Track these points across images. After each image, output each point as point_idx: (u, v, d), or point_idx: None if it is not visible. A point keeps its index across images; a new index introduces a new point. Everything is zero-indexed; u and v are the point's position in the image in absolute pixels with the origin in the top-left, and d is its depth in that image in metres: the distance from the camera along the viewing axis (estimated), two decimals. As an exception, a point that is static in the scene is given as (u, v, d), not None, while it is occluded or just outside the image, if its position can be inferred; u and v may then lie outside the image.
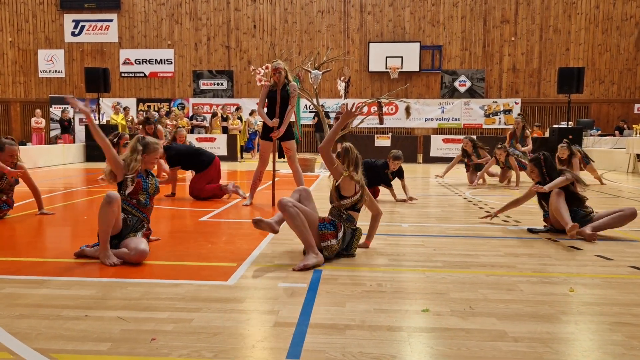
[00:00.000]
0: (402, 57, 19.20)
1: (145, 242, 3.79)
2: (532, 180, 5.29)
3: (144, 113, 17.79)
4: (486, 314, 2.72)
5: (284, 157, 6.77)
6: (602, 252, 4.15)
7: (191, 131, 16.64)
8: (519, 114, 9.30)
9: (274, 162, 6.69)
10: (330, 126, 14.51)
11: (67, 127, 18.05)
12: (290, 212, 3.71)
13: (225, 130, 16.57)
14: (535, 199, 5.20)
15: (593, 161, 9.69)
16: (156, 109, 19.29)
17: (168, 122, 16.81)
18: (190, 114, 18.36)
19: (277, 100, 6.30)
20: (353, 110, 4.03)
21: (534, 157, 5.18)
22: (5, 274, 3.40)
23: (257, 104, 6.54)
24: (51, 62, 20.43)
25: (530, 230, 5.04)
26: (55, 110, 19.31)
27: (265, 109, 6.53)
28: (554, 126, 16.07)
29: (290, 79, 6.42)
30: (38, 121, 17.40)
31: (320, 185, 8.95)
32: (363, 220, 4.19)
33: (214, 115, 16.85)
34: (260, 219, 3.85)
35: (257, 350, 2.27)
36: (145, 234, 4.04)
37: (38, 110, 17.84)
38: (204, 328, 2.50)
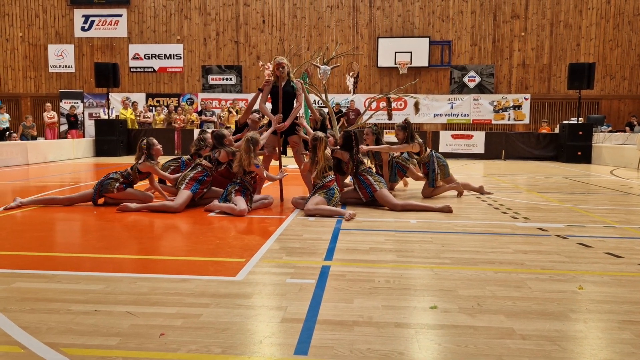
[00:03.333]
0: (411, 52, 19.10)
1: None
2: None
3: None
4: (494, 311, 2.71)
5: (286, 154, 6.75)
6: (611, 249, 4.12)
7: (200, 126, 16.69)
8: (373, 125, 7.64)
9: (279, 157, 6.68)
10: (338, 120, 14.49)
11: (73, 122, 18.14)
12: (312, 213, 5.53)
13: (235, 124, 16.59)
14: None
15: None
16: (165, 104, 19.36)
17: (177, 117, 16.88)
18: (199, 109, 18.40)
19: (280, 95, 6.29)
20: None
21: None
22: (15, 269, 3.43)
23: (259, 101, 6.51)
24: (61, 57, 20.53)
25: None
26: (65, 105, 19.42)
27: (269, 105, 6.52)
28: (564, 122, 15.95)
29: (292, 77, 6.43)
30: (50, 115, 17.43)
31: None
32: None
33: (230, 112, 16.86)
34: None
35: (265, 346, 2.28)
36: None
37: (48, 104, 17.87)
38: (212, 323, 2.51)
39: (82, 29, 20.41)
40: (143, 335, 2.38)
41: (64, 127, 18.51)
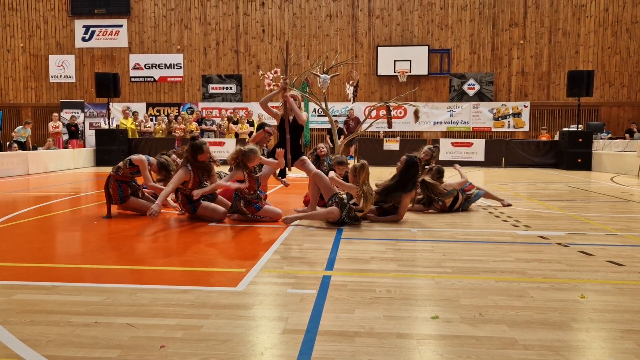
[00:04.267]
0: (410, 60, 19.17)
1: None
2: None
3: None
4: (496, 321, 2.70)
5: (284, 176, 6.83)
6: (613, 257, 4.11)
7: (200, 135, 16.71)
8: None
9: (285, 167, 6.67)
10: (340, 131, 14.50)
11: (74, 132, 18.18)
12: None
13: (235, 134, 16.62)
14: None
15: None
16: (166, 114, 19.40)
17: (177, 126, 16.91)
18: (199, 118, 18.42)
19: (286, 127, 6.27)
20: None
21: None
22: (15, 280, 3.42)
23: (261, 102, 6.41)
24: (62, 67, 20.60)
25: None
26: (66, 115, 19.47)
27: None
28: (564, 129, 15.97)
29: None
30: (55, 125, 17.48)
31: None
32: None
33: (230, 119, 16.90)
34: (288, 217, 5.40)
35: (266, 357, 2.27)
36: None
37: (55, 114, 17.91)
38: (213, 335, 2.50)
39: (83, 39, 20.50)
40: (143, 347, 2.36)
41: (64, 137, 18.55)
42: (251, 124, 16.87)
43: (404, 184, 5.78)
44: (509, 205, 6.80)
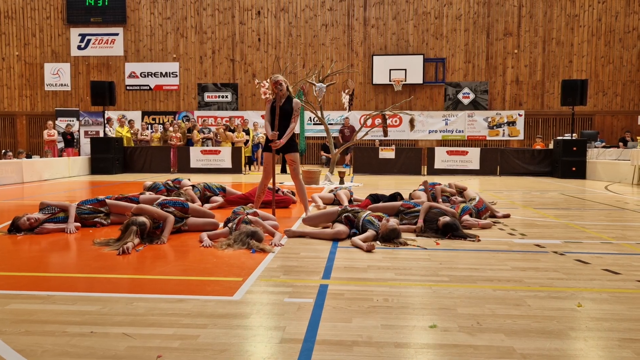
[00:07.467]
0: (405, 69, 19.26)
1: None
2: None
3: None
4: (494, 330, 2.70)
5: (287, 172, 6.75)
6: (609, 265, 4.12)
7: (188, 143, 16.67)
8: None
9: (273, 173, 6.67)
10: (334, 140, 14.53)
11: (70, 140, 18.13)
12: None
13: (232, 143, 16.61)
14: None
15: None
16: (161, 122, 19.38)
17: (173, 134, 16.89)
18: (193, 125, 18.39)
19: (277, 112, 6.32)
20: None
21: None
22: (10, 290, 3.40)
23: (262, 117, 6.52)
24: (57, 76, 20.58)
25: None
26: (61, 123, 19.43)
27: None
28: (558, 138, 16.04)
29: (291, 92, 6.44)
30: (50, 133, 17.42)
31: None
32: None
33: (226, 128, 16.87)
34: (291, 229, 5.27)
35: (264, 367, 2.26)
36: None
37: (50, 122, 17.87)
38: (210, 345, 2.48)
39: (79, 47, 20.51)
40: (140, 357, 2.35)
41: (59, 145, 18.49)
42: (247, 132, 16.86)
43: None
44: (507, 216, 6.77)
